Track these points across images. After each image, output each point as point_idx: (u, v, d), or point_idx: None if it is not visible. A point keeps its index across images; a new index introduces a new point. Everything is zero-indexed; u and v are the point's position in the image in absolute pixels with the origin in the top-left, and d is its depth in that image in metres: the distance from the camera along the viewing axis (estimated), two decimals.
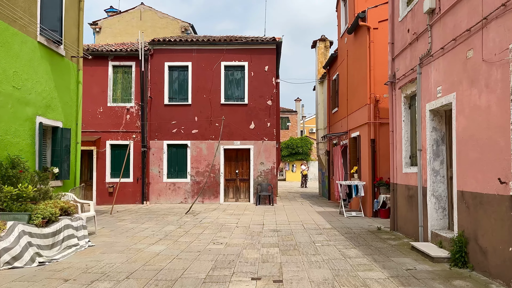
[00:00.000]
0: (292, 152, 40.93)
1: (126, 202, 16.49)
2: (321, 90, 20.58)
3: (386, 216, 11.98)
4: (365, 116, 12.68)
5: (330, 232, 9.57)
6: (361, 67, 13.23)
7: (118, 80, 16.98)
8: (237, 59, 16.88)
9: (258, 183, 16.49)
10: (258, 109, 16.77)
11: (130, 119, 16.75)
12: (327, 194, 19.16)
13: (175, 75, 17.02)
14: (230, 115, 16.74)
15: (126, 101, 16.91)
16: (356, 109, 13.84)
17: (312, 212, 13.82)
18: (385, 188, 12.05)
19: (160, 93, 16.83)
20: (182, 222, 11.30)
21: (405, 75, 8.78)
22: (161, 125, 16.77)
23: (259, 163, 16.65)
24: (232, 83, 16.99)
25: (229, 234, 9.38)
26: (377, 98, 12.41)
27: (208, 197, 16.59)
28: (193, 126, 16.75)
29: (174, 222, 11.40)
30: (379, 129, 12.45)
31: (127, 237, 8.98)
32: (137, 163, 16.62)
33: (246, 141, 16.72)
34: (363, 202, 12.91)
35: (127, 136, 16.72)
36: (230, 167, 16.99)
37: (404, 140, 8.97)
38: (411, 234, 8.50)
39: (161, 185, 16.65)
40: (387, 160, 12.22)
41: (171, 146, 16.84)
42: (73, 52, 9.89)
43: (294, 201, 17.96)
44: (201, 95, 16.79)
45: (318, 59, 20.66)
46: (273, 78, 16.83)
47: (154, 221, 11.49)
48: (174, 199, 16.59)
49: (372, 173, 12.36)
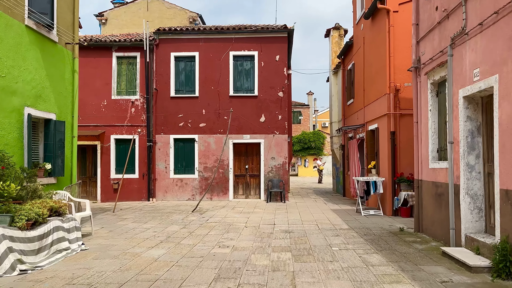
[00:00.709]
0: (304, 147, 39.96)
1: (132, 199, 15.82)
2: (335, 81, 19.60)
3: (408, 215, 11.06)
4: (384, 106, 11.73)
5: (348, 234, 8.70)
6: (379, 54, 12.26)
7: (123, 71, 16.27)
8: (247, 48, 16.00)
9: (269, 179, 15.66)
10: (268, 101, 15.90)
11: (135, 113, 16.04)
12: (342, 190, 18.25)
13: (182, 66, 16.23)
14: (239, 107, 15.91)
15: (131, 93, 16.20)
16: (374, 99, 12.88)
17: (327, 210, 12.95)
18: (406, 185, 11.12)
19: (166, 85, 16.08)
20: (187, 222, 10.54)
21: (432, 58, 7.83)
22: (167, 118, 16.02)
23: (269, 158, 15.81)
24: (241, 74, 16.13)
25: (236, 236, 8.58)
26: (397, 87, 11.44)
27: (217, 194, 15.82)
28: (200, 119, 15.97)
29: (179, 221, 10.65)
30: (400, 121, 11.49)
31: (125, 239, 8.24)
32: (143, 158, 15.92)
33: (256, 135, 15.89)
34: (382, 199, 11.99)
35: (132, 130, 16.02)
36: (239, 162, 16.19)
37: (431, 132, 8.03)
38: (440, 236, 7.59)
39: (167, 181, 15.94)
40: (408, 154, 11.28)
41: (178, 140, 16.10)
42: (67, 38, 9.15)
43: (307, 198, 17.10)
44: (209, 86, 15.98)
45: (332, 48, 19.66)
46: (284, 68, 15.93)
47: (158, 220, 10.76)
48: (181, 195, 15.87)
49: (392, 168, 11.43)
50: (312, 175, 40.71)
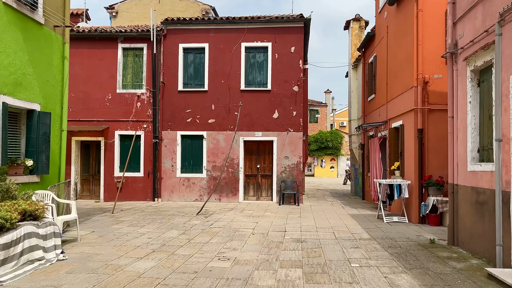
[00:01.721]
0: (321, 146, 38.61)
1: (136, 198, 14.92)
2: (355, 76, 18.33)
3: (437, 224, 9.80)
4: (410, 101, 10.48)
5: (369, 245, 7.53)
6: (405, 43, 11.00)
7: (129, 64, 15.38)
8: (260, 39, 14.91)
9: (282, 180, 14.54)
10: (282, 96, 14.77)
11: (141, 107, 15.13)
12: (361, 193, 16.99)
13: (190, 58, 15.24)
14: (251, 102, 14.83)
15: (137, 87, 15.29)
16: (398, 94, 11.62)
17: (345, 215, 11.76)
18: (435, 189, 9.86)
19: (173, 78, 15.11)
20: (188, 226, 9.52)
21: (473, 41, 6.59)
22: (175, 113, 15.06)
23: (283, 157, 14.68)
24: (254, 66, 15.05)
25: (241, 245, 7.50)
26: (426, 79, 10.18)
27: (226, 195, 14.78)
28: (209, 115, 14.96)
29: (180, 225, 9.63)
30: (428, 117, 10.22)
31: (114, 246, 7.26)
32: (148, 155, 15.00)
33: (268, 132, 14.78)
34: (407, 205, 10.74)
35: (138, 125, 15.11)
36: (250, 162, 15.11)
37: (470, 128, 6.79)
38: (481, 253, 6.35)
39: (174, 180, 14.98)
40: (438, 154, 10.02)
41: (186, 137, 15.12)
42: (56, 21, 8.22)
43: (323, 201, 15.90)
44: (219, 80, 14.95)
45: (351, 41, 18.39)
46: (300, 61, 14.77)
47: (157, 224, 9.77)
48: (188, 196, 14.89)
49: (419, 170, 10.17)
50: (329, 176, 39.38)
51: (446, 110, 10.06)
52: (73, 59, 15.16)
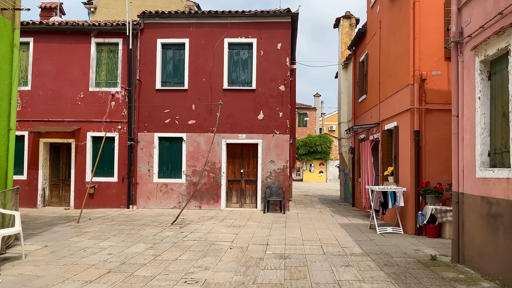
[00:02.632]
0: (310, 151, 37.74)
1: (109, 205, 13.76)
2: (345, 76, 17.46)
3: (435, 235, 8.88)
4: (406, 100, 9.57)
5: (362, 263, 6.54)
6: (400, 37, 10.12)
7: (102, 60, 14.26)
8: (244, 35, 13.93)
9: (267, 186, 13.52)
10: (268, 95, 13.79)
11: (115, 107, 14.01)
12: (351, 199, 16.05)
13: (170, 55, 14.19)
14: (235, 102, 13.82)
15: (111, 85, 14.17)
16: (392, 93, 10.72)
17: (334, 225, 10.78)
18: (433, 197, 8.94)
19: (151, 75, 14.04)
20: (159, 239, 8.44)
21: (484, 26, 5.68)
22: (152, 114, 13.97)
23: (268, 161, 13.68)
24: (237, 64, 14.05)
25: (215, 263, 6.46)
26: (423, 76, 9.29)
27: (207, 202, 13.70)
28: (189, 115, 13.90)
29: (149, 237, 8.54)
30: (426, 117, 9.33)
31: (63, 266, 6.15)
32: (123, 159, 13.86)
33: (253, 135, 13.78)
34: (402, 214, 9.80)
35: (112, 127, 13.98)
36: (233, 166, 14.07)
37: (479, 128, 5.87)
38: (494, 274, 5.41)
39: (150, 186, 13.86)
40: (437, 158, 9.13)
41: (164, 139, 14.03)
42: (4, 2, 7.11)
43: (311, 208, 14.92)
44: (200, 78, 13.92)
45: (341, 40, 17.52)
46: (287, 58, 13.82)
47: (124, 236, 8.67)
48: (166, 203, 13.77)
49: (415, 176, 9.24)
50: (317, 181, 38.52)
51: (445, 110, 9.24)
52: (41, 54, 14.06)
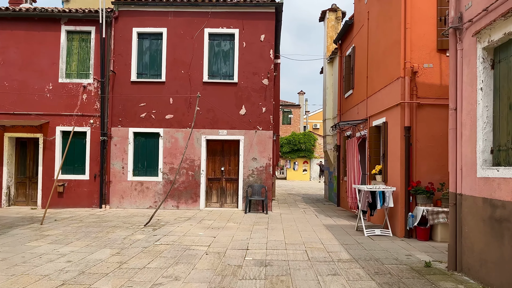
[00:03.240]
0: (294, 149, 37.17)
1: (80, 205, 12.87)
2: (331, 71, 16.88)
3: (426, 238, 8.34)
4: (396, 94, 9.00)
5: (351, 270, 5.92)
6: (391, 28, 9.55)
7: (74, 49, 13.32)
8: (226, 25, 13.19)
9: (249, 185, 12.84)
10: (250, 89, 13.09)
11: (87, 100, 13.10)
12: (336, 198, 15.50)
13: (146, 45, 13.35)
14: (215, 96, 13.08)
15: (83, 76, 13.26)
16: (381, 87, 10.15)
17: (319, 226, 10.16)
18: (425, 197, 8.39)
19: (126, 67, 13.17)
20: (128, 243, 7.67)
21: (487, 9, 5.10)
22: (127, 107, 13.12)
23: (250, 158, 12.99)
24: (218, 55, 13.30)
25: (187, 271, 5.74)
26: (415, 69, 8.73)
27: (185, 201, 12.94)
28: (167, 110, 13.10)
29: (118, 242, 7.76)
30: (417, 113, 8.77)
31: (11, 276, 5.35)
32: (95, 155, 12.98)
33: (234, 130, 13.06)
34: (391, 215, 9.24)
35: (83, 121, 13.08)
36: (214, 163, 13.34)
37: (481, 122, 5.29)
38: (499, 285, 4.84)
39: (125, 184, 13.02)
40: (428, 156, 8.60)
41: (139, 135, 13.20)
42: None
43: (295, 208, 14.29)
44: (179, 70, 13.13)
45: (327, 33, 16.93)
46: (270, 50, 13.14)
47: (89, 240, 7.87)
48: (141, 202, 12.96)
49: (405, 175, 8.68)
50: (301, 179, 38.02)
51: (437, 105, 8.70)
52: (7, 42, 13.06)
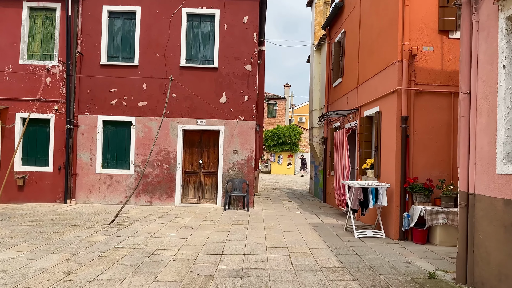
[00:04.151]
0: (279, 142, 36.27)
1: (43, 199, 11.68)
2: (318, 59, 15.92)
3: (423, 241, 7.48)
4: (392, 80, 8.08)
5: (342, 283, 4.98)
6: (386, 6, 8.60)
7: (37, 28, 12.04)
8: (205, 4, 12.07)
9: (229, 179, 11.83)
10: (232, 75, 12.04)
11: (51, 84, 11.86)
12: (322, 194, 14.61)
13: (118, 25, 12.14)
14: (193, 82, 11.99)
15: (47, 58, 12.00)
16: (374, 73, 9.23)
17: (304, 225, 9.23)
18: (422, 195, 7.53)
19: (95, 48, 11.96)
20: (83, 246, 6.59)
21: None
22: (95, 93, 11.93)
23: (231, 151, 11.97)
24: (197, 38, 12.19)
25: (146, 284, 4.72)
26: (414, 52, 7.81)
27: (159, 197, 11.86)
28: (140, 96, 11.96)
29: (71, 245, 6.68)
30: (415, 101, 7.87)
31: None
32: (60, 145, 11.78)
33: (214, 120, 12.01)
34: (384, 214, 8.36)
35: (47, 107, 11.85)
36: (191, 156, 12.27)
37: (503, 107, 4.38)
38: None
39: (93, 177, 11.86)
40: (426, 149, 7.73)
41: (109, 123, 12.04)
42: None
43: (278, 204, 13.35)
44: (153, 53, 11.98)
45: (315, 19, 15.94)
46: (254, 34, 12.09)
47: (38, 242, 6.76)
48: (110, 197, 11.83)
49: (401, 170, 7.79)
50: (286, 173, 37.20)
51: (437, 92, 7.81)
52: None
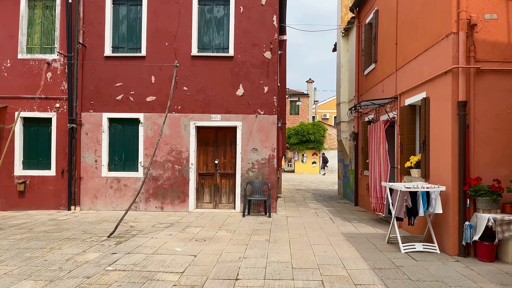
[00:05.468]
0: (302, 140, 34.71)
1: (46, 206, 10.66)
2: (346, 46, 14.38)
3: (491, 258, 5.93)
4: (444, 58, 6.54)
5: None
6: None
7: (36, 19, 11.02)
8: None
9: (249, 181, 10.49)
10: (249, 64, 10.69)
11: (52, 79, 10.83)
12: (354, 196, 13.08)
13: (123, 12, 10.99)
14: (207, 73, 10.71)
15: (47, 51, 10.97)
16: (418, 53, 7.69)
17: (337, 236, 7.78)
18: (489, 200, 5.98)
19: (98, 39, 10.84)
20: (67, 269, 5.37)
21: None
22: (100, 88, 10.82)
23: (250, 149, 10.63)
24: (210, 24, 10.91)
25: None
26: (473, 21, 6.26)
27: (171, 202, 10.64)
28: (148, 91, 10.77)
29: (54, 266, 5.47)
30: (476, 83, 6.31)
31: None
32: (62, 146, 10.73)
33: (230, 115, 10.70)
34: (437, 223, 6.83)
35: (48, 105, 10.81)
36: (206, 156, 11.00)
37: None
38: None
39: (98, 181, 10.75)
40: (493, 143, 6.19)
41: (115, 121, 10.90)
42: None
43: (304, 207, 11.91)
44: (162, 42, 10.77)
45: (342, 2, 14.41)
46: (274, 16, 10.71)
47: (16, 263, 5.59)
48: (118, 203, 10.69)
49: (460, 169, 6.25)
50: (310, 172, 35.62)
51: (505, 71, 6.20)
52: None
